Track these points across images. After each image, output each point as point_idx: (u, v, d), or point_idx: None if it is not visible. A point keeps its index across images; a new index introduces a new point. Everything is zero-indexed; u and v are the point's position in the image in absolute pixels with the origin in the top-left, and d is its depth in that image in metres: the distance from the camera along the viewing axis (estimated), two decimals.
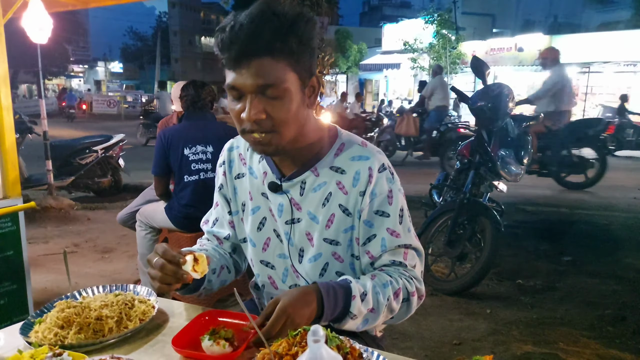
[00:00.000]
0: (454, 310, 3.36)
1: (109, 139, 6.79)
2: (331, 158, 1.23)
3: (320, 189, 1.22)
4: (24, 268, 2.50)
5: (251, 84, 1.07)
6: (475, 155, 3.88)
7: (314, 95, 1.18)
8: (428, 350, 2.82)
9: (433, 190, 4.92)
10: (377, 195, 1.20)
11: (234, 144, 1.40)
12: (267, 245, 1.32)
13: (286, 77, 1.08)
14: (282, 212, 1.26)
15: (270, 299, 1.33)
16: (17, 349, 1.02)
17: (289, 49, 1.07)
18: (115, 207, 6.11)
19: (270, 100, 1.08)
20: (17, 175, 2.50)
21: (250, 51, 1.05)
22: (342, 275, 1.23)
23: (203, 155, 3.01)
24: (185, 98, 3.11)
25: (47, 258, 4.31)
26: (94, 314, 1.16)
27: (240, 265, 1.47)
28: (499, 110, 3.79)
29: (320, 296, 1.09)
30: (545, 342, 2.89)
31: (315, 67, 1.16)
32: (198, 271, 1.11)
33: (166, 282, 1.11)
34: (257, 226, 1.32)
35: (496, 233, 3.50)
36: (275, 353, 0.91)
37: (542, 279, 3.89)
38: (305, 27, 1.09)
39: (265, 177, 1.28)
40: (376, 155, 1.22)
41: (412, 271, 1.23)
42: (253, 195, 1.32)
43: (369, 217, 1.21)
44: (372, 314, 1.15)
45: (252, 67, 1.06)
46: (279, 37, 1.05)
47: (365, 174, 1.19)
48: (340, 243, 1.23)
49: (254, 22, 1.03)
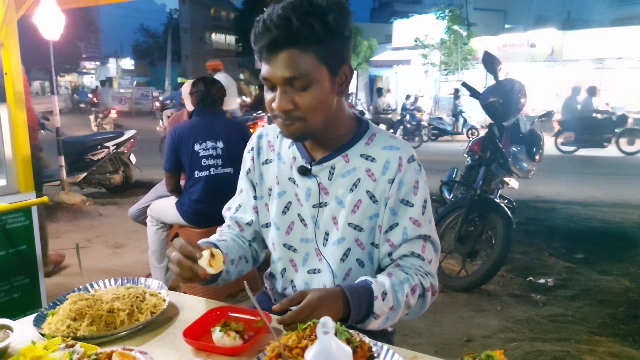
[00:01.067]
0: (465, 307, 3.35)
1: (121, 135, 6.84)
2: (362, 146, 1.27)
3: (349, 174, 1.26)
4: (37, 262, 2.53)
5: (279, 76, 1.11)
6: (486, 152, 3.85)
7: (346, 83, 1.21)
8: (438, 346, 2.81)
9: (443, 187, 4.89)
10: (405, 185, 1.23)
11: (263, 132, 1.44)
12: (291, 229, 1.34)
13: (314, 68, 1.12)
14: (310, 196, 1.29)
15: (290, 282, 1.37)
16: (30, 340, 1.04)
17: (317, 38, 1.09)
18: (127, 202, 6.17)
19: (298, 91, 1.13)
20: (30, 170, 2.53)
21: (278, 42, 1.09)
22: (362, 263, 1.28)
23: (213, 151, 3.02)
24: (195, 94, 3.12)
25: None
26: (106, 307, 1.17)
27: (258, 255, 1.49)
28: (510, 106, 3.75)
29: (345, 297, 1.10)
30: (556, 340, 2.87)
31: (348, 55, 1.18)
32: (214, 267, 1.12)
33: (184, 277, 1.13)
34: (282, 210, 1.34)
35: (507, 230, 3.48)
36: (285, 346, 0.91)
37: (553, 277, 3.85)
38: (338, 15, 1.11)
39: (294, 162, 1.32)
40: (406, 147, 1.27)
41: (427, 266, 1.25)
42: (280, 180, 1.35)
43: (394, 205, 1.24)
44: (392, 312, 1.17)
45: (280, 59, 1.10)
46: (307, 27, 1.07)
47: (395, 163, 1.23)
48: (364, 229, 1.26)
49: (284, 11, 1.07)
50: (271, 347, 0.94)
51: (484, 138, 4.00)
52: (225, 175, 3.03)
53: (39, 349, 0.99)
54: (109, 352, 0.94)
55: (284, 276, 1.39)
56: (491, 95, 3.83)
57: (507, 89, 3.76)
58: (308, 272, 1.34)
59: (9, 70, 2.39)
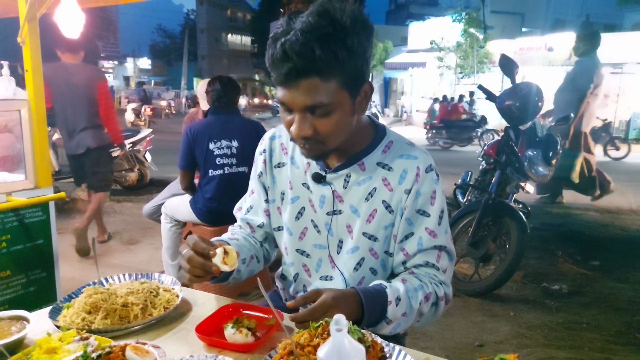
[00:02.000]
0: (477, 312, 3.31)
1: (136, 134, 6.91)
2: (379, 154, 1.24)
3: (365, 183, 1.23)
4: (54, 257, 2.56)
5: (300, 103, 1.08)
6: (501, 155, 3.82)
7: (366, 100, 1.17)
8: (449, 350, 2.79)
9: (457, 190, 4.85)
10: (422, 195, 1.21)
11: (276, 133, 1.40)
12: (304, 234, 1.33)
13: (335, 95, 1.07)
14: (324, 204, 1.27)
15: (302, 286, 1.36)
16: (46, 332, 1.05)
17: (340, 65, 1.04)
18: (141, 200, 6.23)
19: (318, 119, 1.10)
20: (48, 166, 2.57)
21: (298, 71, 1.03)
22: (375, 272, 1.26)
23: (228, 150, 3.04)
24: (211, 93, 3.15)
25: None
26: (120, 301, 1.18)
27: (270, 254, 1.48)
28: (527, 110, 3.72)
29: (359, 300, 1.10)
30: (570, 347, 2.83)
31: (368, 73, 1.14)
32: (228, 264, 1.11)
33: (194, 274, 1.12)
34: (296, 215, 1.33)
35: (521, 235, 3.44)
36: (297, 343, 0.91)
37: (568, 283, 3.80)
38: (362, 36, 1.05)
39: (308, 167, 1.30)
40: (424, 156, 1.23)
41: (442, 275, 1.24)
42: (293, 184, 1.33)
43: (410, 215, 1.21)
44: (404, 318, 1.16)
45: (300, 87, 1.05)
46: (330, 54, 1.02)
47: (413, 173, 1.20)
48: (379, 239, 1.24)
49: (305, 38, 1.00)
50: (283, 345, 0.94)
51: (500, 141, 3.97)
52: (240, 174, 3.05)
53: (54, 340, 1.00)
54: (123, 345, 0.95)
55: (297, 280, 1.38)
56: (507, 99, 3.80)
57: (523, 93, 3.72)
58: (321, 279, 1.32)
59: (29, 67, 2.43)
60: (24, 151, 2.46)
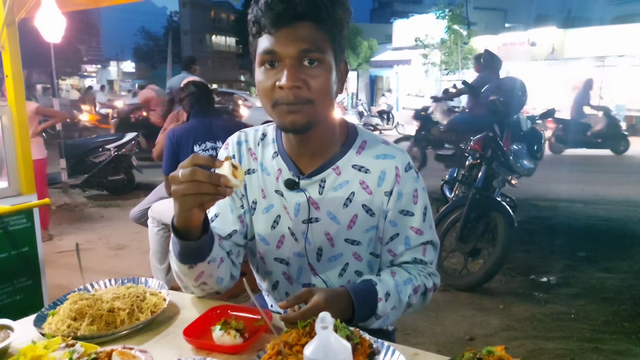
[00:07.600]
0: (467, 306, 3.34)
1: (122, 138, 6.85)
2: (353, 155, 1.19)
3: (342, 188, 1.18)
4: (39, 264, 2.53)
5: (293, 47, 1.01)
6: (487, 150, 3.85)
7: (341, 81, 1.15)
8: (440, 345, 2.80)
9: (445, 186, 4.89)
10: (404, 195, 1.19)
11: (242, 137, 1.32)
12: (282, 242, 1.26)
13: (326, 49, 1.05)
14: (299, 212, 1.21)
15: (285, 294, 1.31)
16: (31, 340, 1.04)
17: (333, 20, 1.04)
18: (128, 204, 6.17)
19: (309, 69, 1.04)
20: (31, 172, 2.53)
21: (297, 12, 1.00)
22: (361, 275, 1.23)
23: (213, 151, 3.02)
24: (187, 98, 3.14)
25: (62, 255, 4.37)
26: (106, 306, 1.17)
27: (236, 270, 1.29)
28: (511, 105, 3.75)
29: (351, 300, 1.09)
30: (559, 338, 2.87)
31: (345, 52, 1.14)
32: (238, 177, 0.95)
33: (200, 191, 0.93)
34: (271, 225, 1.25)
35: (509, 228, 3.47)
36: (285, 343, 0.91)
37: (556, 275, 3.85)
38: (347, 7, 1.08)
39: (280, 173, 1.22)
40: (401, 154, 1.20)
41: (430, 267, 1.24)
42: (266, 193, 1.24)
43: (394, 217, 1.20)
44: (394, 312, 1.16)
45: (296, 30, 1.02)
46: (329, 3, 1.03)
47: (392, 174, 1.17)
48: (362, 243, 1.22)
49: None
50: (271, 345, 0.94)
51: (485, 136, 4.00)
52: None
53: (39, 348, 0.99)
54: (109, 350, 0.94)
55: (277, 289, 1.33)
56: (492, 94, 3.83)
57: (507, 87, 3.76)
58: (303, 286, 1.26)
59: (9, 73, 2.40)
60: (7, 158, 2.43)
